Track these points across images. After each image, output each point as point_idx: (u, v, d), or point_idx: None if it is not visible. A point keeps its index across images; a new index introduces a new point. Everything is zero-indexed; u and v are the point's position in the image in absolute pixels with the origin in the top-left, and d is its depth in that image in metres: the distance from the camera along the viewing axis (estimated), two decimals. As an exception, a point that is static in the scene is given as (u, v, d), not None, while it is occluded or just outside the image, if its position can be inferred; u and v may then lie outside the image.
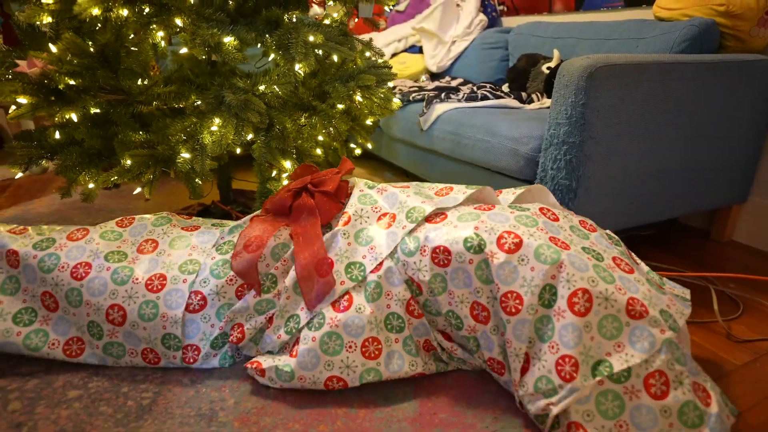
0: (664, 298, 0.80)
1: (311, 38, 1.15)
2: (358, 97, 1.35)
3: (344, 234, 0.94)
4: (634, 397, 0.73)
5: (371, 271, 0.90)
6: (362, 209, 0.98)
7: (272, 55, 1.20)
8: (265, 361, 0.89)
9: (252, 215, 1.05)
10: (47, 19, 1.04)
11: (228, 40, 1.12)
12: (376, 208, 0.98)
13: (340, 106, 1.40)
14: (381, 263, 0.90)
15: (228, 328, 0.94)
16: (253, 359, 0.92)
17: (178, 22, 1.11)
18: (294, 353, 0.88)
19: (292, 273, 0.91)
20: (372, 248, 0.92)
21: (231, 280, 0.94)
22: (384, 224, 0.95)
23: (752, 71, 1.36)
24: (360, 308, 0.88)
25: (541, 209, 0.91)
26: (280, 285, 0.94)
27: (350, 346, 0.87)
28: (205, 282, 0.94)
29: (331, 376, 0.86)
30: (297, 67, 1.17)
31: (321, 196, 1.00)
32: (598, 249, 0.85)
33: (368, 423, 0.82)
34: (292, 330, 0.90)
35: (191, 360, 0.94)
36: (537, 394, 0.77)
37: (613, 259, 0.85)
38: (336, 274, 0.90)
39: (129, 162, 1.13)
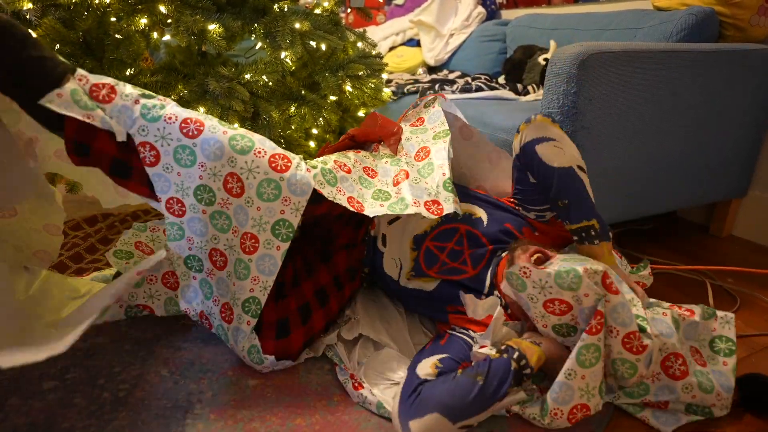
0: None
1: (297, 26, 1.12)
2: (348, 87, 1.33)
3: None
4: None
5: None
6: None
7: (259, 43, 1.19)
8: None
9: None
10: (28, 5, 1.02)
11: (213, 27, 1.10)
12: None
13: (333, 98, 1.38)
14: None
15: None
16: None
17: (162, 9, 1.10)
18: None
19: None
20: None
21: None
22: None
23: (752, 61, 1.32)
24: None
25: None
26: None
27: (235, 231, 0.84)
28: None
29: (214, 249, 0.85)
30: (283, 55, 1.14)
31: None
32: None
33: (347, 416, 0.80)
34: None
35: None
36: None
37: None
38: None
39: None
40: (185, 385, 0.86)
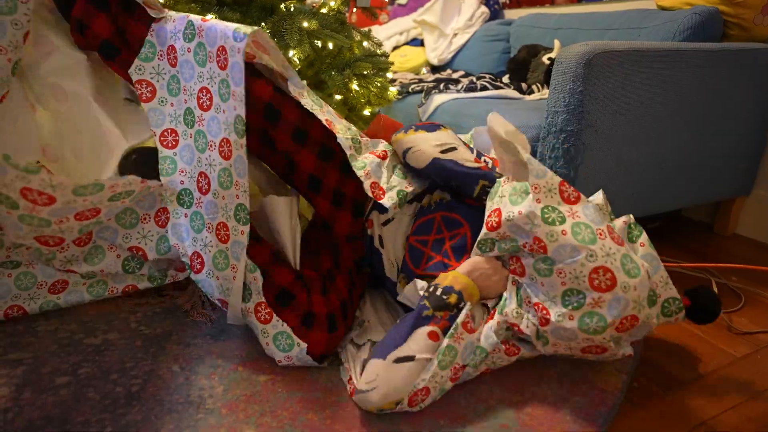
0: None
1: (305, 24, 1.13)
2: (354, 86, 1.34)
3: None
4: None
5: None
6: None
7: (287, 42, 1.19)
8: None
9: None
10: None
11: (209, 17, 1.11)
12: None
13: (339, 97, 1.38)
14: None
15: None
16: None
17: (161, 1, 1.10)
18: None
19: None
20: None
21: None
22: None
23: (755, 60, 1.33)
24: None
25: None
26: None
27: (211, 145, 0.89)
28: None
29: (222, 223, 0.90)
30: (291, 53, 1.15)
31: None
32: None
33: (358, 411, 0.80)
34: None
35: None
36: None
37: None
38: None
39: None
40: (196, 380, 0.87)
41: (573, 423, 0.80)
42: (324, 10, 1.42)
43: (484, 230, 0.87)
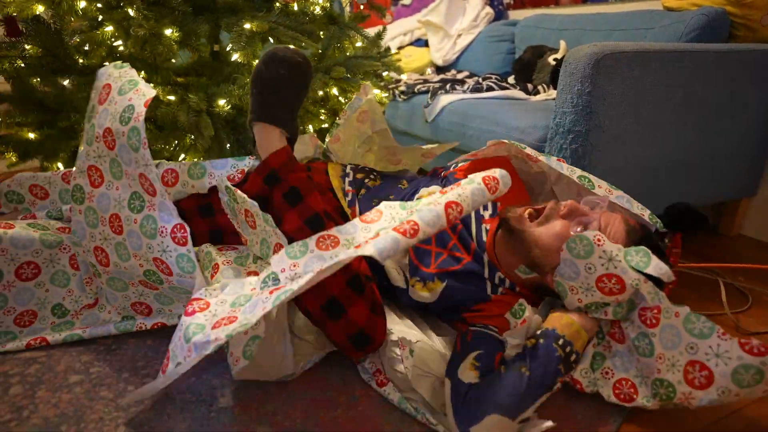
0: None
1: (247, 26, 1.07)
2: (334, 91, 1.31)
3: None
4: None
5: None
6: None
7: (230, 45, 1.14)
8: None
9: None
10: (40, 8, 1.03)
11: (168, 32, 1.06)
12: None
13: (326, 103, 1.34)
14: None
15: None
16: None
17: (131, 12, 1.06)
18: None
19: None
20: None
21: None
22: None
23: (762, 61, 1.33)
24: None
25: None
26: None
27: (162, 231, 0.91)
28: None
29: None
30: (234, 57, 1.10)
31: None
32: None
33: (370, 411, 0.81)
34: None
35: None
36: None
37: None
38: None
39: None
40: (208, 379, 0.87)
41: (586, 420, 0.80)
42: (318, 9, 1.36)
43: (599, 294, 0.82)
